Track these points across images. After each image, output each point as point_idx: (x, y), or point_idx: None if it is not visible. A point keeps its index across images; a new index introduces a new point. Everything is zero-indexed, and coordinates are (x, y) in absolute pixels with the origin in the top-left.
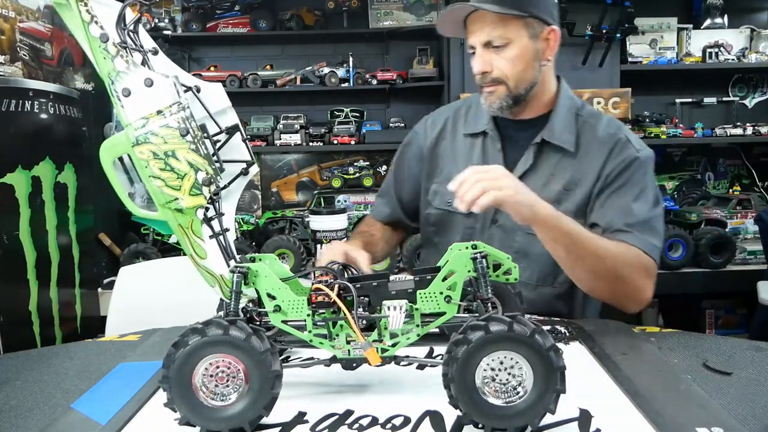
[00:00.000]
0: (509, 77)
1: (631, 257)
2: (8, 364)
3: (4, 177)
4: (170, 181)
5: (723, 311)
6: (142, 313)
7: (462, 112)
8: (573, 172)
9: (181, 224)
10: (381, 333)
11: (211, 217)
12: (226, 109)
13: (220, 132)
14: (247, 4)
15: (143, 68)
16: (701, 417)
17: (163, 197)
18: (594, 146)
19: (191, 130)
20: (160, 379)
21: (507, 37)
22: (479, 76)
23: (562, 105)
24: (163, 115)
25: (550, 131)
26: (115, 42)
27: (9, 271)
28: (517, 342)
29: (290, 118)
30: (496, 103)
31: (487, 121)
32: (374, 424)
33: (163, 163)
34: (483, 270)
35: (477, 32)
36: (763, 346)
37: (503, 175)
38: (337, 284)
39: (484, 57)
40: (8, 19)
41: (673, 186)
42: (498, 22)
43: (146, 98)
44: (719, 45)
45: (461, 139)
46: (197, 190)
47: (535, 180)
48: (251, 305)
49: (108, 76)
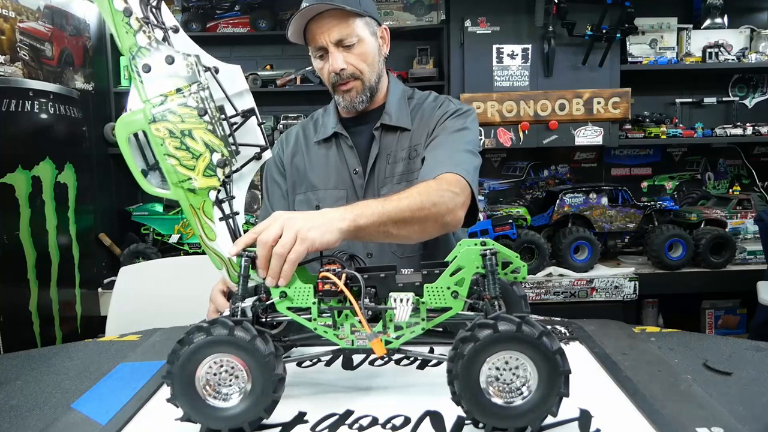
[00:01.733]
0: (363, 71)
1: (436, 183)
2: (8, 364)
3: (4, 177)
4: (185, 160)
5: (723, 311)
6: (142, 313)
7: (309, 126)
8: (411, 142)
9: (192, 204)
10: (386, 325)
11: (222, 200)
12: (243, 92)
13: (236, 114)
14: (247, 4)
15: (165, 45)
16: (701, 417)
17: (176, 176)
18: (425, 115)
19: (209, 110)
20: (164, 374)
21: (357, 35)
22: (335, 75)
23: (393, 92)
24: (182, 94)
25: (388, 116)
26: (138, 17)
27: (9, 271)
28: (524, 343)
29: (290, 118)
30: (356, 98)
31: (334, 125)
32: (374, 424)
33: (179, 141)
34: (492, 267)
35: (326, 32)
36: (763, 346)
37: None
38: (345, 273)
39: (338, 55)
40: (8, 19)
41: (673, 186)
42: (344, 23)
43: (166, 75)
44: (719, 45)
45: (314, 148)
46: (211, 171)
47: (383, 161)
48: (258, 303)
49: (129, 51)
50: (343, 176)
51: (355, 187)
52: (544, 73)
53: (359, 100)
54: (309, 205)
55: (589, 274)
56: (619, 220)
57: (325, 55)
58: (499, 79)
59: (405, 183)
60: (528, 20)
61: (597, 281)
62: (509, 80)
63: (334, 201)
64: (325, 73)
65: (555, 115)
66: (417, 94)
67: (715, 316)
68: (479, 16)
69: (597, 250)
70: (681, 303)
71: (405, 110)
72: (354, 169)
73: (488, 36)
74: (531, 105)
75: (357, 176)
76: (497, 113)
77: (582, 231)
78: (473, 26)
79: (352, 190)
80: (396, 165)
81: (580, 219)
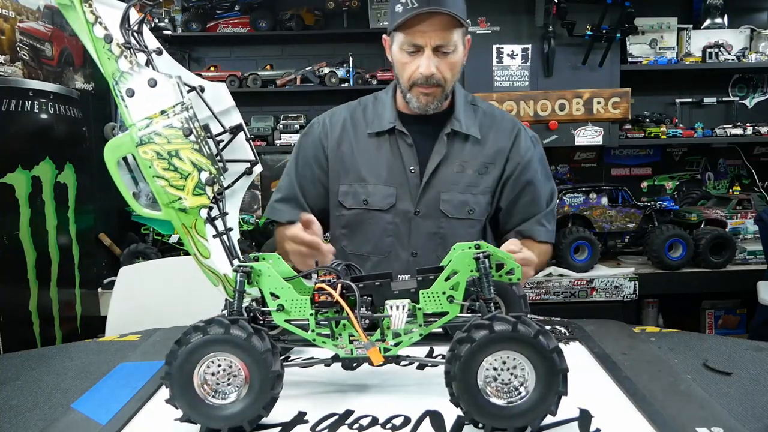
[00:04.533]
0: (448, 80)
1: (543, 255)
2: (8, 364)
3: (4, 177)
4: (174, 180)
5: (723, 311)
6: (142, 313)
7: (359, 114)
8: (483, 158)
9: (184, 224)
10: (384, 332)
11: (214, 217)
12: (230, 108)
13: (224, 131)
14: (247, 4)
15: (147, 69)
16: (701, 417)
17: (166, 197)
18: (497, 135)
19: (194, 130)
20: (163, 375)
21: (454, 43)
22: (422, 77)
23: (459, 98)
24: (166, 116)
25: (457, 122)
26: (119, 42)
27: (9, 271)
28: (520, 342)
29: (290, 118)
30: (432, 103)
31: (392, 119)
32: (374, 424)
33: (166, 163)
34: (486, 270)
35: (430, 35)
36: (763, 346)
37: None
38: (340, 284)
39: (432, 60)
40: (8, 19)
41: (673, 186)
42: (450, 29)
43: (150, 98)
44: (719, 45)
45: (365, 139)
46: (200, 189)
47: (450, 167)
48: (255, 304)
49: (112, 77)
50: (395, 173)
51: (410, 186)
52: (544, 73)
53: (434, 105)
54: (356, 199)
55: (589, 274)
56: (619, 220)
57: (416, 53)
58: (499, 79)
59: (469, 195)
60: (528, 20)
61: (597, 281)
62: (509, 80)
63: (384, 197)
64: (410, 69)
65: (555, 115)
66: (478, 101)
67: (715, 316)
68: (479, 16)
69: (597, 250)
70: (681, 303)
71: (472, 118)
72: (411, 168)
73: (488, 36)
74: (531, 105)
75: (413, 175)
76: None
77: (582, 231)
78: (473, 26)
79: (404, 189)
80: (464, 174)
81: (580, 219)
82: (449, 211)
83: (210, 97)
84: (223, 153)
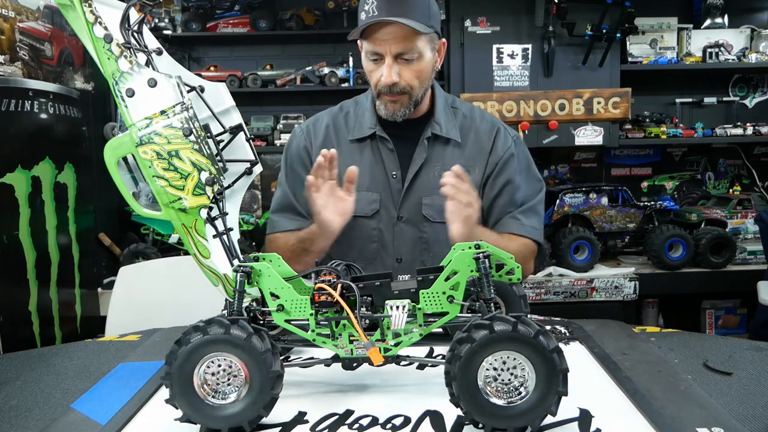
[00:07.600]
0: (414, 88)
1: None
2: (8, 364)
3: (4, 177)
4: (174, 180)
5: (723, 311)
6: (142, 313)
7: (340, 120)
8: (463, 161)
9: (184, 224)
10: (384, 332)
11: (215, 217)
12: (230, 108)
13: (224, 131)
14: (247, 4)
15: (147, 69)
16: (701, 417)
17: (166, 197)
18: (477, 136)
19: (194, 130)
20: (163, 375)
21: (418, 51)
22: (386, 87)
23: (439, 102)
24: (166, 116)
25: (438, 126)
26: (118, 42)
27: (9, 271)
28: (520, 342)
29: (290, 118)
30: (399, 110)
31: (373, 124)
32: (374, 424)
33: (166, 163)
34: (486, 270)
35: (389, 42)
36: (763, 346)
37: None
38: (340, 284)
39: (393, 68)
40: (8, 19)
41: (673, 186)
42: (411, 37)
43: (150, 99)
44: (719, 45)
45: (347, 145)
46: (200, 189)
47: (430, 171)
48: (255, 304)
49: (112, 77)
50: (377, 179)
51: (392, 191)
52: (544, 73)
53: (402, 113)
54: None
55: (589, 274)
56: (619, 220)
57: (379, 60)
58: (499, 79)
59: None
60: (528, 20)
61: (597, 281)
62: (509, 80)
63: (368, 204)
64: (375, 77)
65: (555, 115)
66: (458, 103)
67: (715, 316)
68: (479, 16)
69: (597, 250)
70: (681, 303)
71: (452, 122)
72: (393, 173)
73: (488, 36)
74: (531, 105)
75: (395, 180)
76: (497, 113)
77: (582, 231)
78: (473, 26)
79: (387, 194)
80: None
81: (580, 219)
82: (431, 215)
83: (210, 97)
84: (223, 153)
